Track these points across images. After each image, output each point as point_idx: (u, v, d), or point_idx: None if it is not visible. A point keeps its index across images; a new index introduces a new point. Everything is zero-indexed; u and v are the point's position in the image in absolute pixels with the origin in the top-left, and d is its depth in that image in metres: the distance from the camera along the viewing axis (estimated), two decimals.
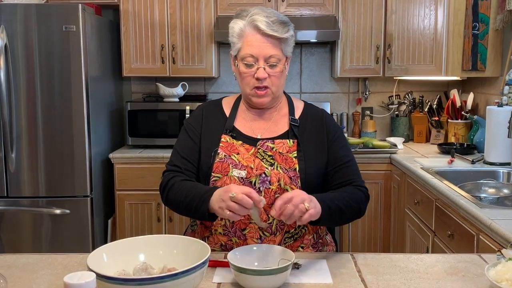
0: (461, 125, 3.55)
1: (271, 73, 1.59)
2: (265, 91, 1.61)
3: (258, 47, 1.57)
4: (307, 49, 3.98)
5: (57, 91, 3.11)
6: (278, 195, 1.56)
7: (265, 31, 1.55)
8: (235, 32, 1.60)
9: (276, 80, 1.61)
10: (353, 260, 1.52)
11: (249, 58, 1.58)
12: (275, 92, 1.63)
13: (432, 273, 1.42)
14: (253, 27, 1.57)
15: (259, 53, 1.57)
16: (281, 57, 1.60)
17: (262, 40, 1.56)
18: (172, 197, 1.58)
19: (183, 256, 1.28)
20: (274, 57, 1.58)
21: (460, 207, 2.15)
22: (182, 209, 1.56)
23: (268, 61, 1.58)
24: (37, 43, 3.07)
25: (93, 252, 1.24)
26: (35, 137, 3.13)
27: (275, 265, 1.34)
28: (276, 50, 1.58)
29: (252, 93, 1.62)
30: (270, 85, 1.61)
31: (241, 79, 1.63)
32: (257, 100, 1.64)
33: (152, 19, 3.57)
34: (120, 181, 3.42)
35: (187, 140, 1.67)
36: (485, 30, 3.31)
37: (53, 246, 3.17)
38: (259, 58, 1.57)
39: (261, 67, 1.57)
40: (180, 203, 1.55)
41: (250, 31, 1.57)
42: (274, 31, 1.56)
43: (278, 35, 1.56)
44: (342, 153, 1.67)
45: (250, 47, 1.57)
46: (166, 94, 3.68)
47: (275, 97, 1.66)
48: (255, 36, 1.57)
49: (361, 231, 3.44)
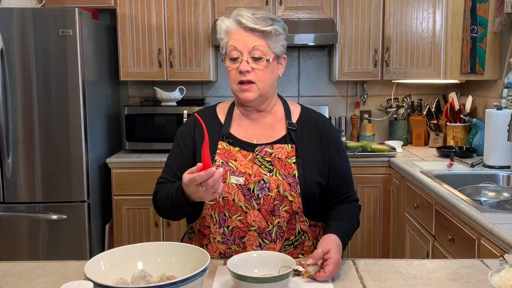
0: (460, 128, 3.54)
1: (255, 67, 1.57)
2: (249, 86, 1.58)
3: (241, 40, 1.57)
4: (305, 53, 3.97)
5: (54, 95, 3.10)
6: (278, 202, 1.55)
7: (246, 24, 1.56)
8: (222, 29, 1.62)
9: (262, 75, 1.58)
10: (354, 266, 1.50)
11: (234, 52, 1.57)
12: (261, 88, 1.60)
13: (434, 279, 1.40)
14: (236, 22, 1.58)
15: (242, 46, 1.56)
16: (266, 51, 1.58)
17: (245, 34, 1.57)
18: (159, 203, 1.60)
19: (182, 263, 1.26)
20: (257, 49, 1.56)
21: (460, 211, 2.14)
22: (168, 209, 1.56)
23: (252, 53, 1.56)
24: (34, 47, 3.05)
25: (91, 260, 1.22)
26: (32, 142, 3.11)
27: (275, 272, 1.32)
28: (260, 42, 1.57)
29: (238, 88, 1.60)
30: (256, 80, 1.58)
31: (228, 75, 1.62)
32: (242, 96, 1.60)
33: (149, 23, 3.56)
34: (117, 186, 3.40)
35: (177, 152, 1.68)
36: (483, 33, 3.30)
37: (50, 252, 3.15)
38: (243, 51, 1.56)
39: (244, 60, 1.56)
40: (165, 205, 1.56)
41: (234, 26, 1.59)
42: (256, 24, 1.56)
43: (259, 27, 1.56)
44: (341, 163, 1.67)
45: (234, 40, 1.58)
46: (164, 98, 3.66)
47: (263, 95, 1.62)
48: (239, 31, 1.58)
49: (360, 235, 3.42)
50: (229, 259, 1.34)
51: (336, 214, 1.63)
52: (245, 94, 1.59)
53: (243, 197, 1.54)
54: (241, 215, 1.55)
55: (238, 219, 1.55)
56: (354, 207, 1.69)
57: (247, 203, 1.55)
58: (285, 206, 1.55)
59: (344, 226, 1.58)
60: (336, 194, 1.67)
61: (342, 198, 1.68)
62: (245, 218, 1.55)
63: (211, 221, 1.58)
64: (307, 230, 1.63)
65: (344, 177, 1.69)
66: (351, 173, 1.72)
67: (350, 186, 1.70)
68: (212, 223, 1.58)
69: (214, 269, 1.45)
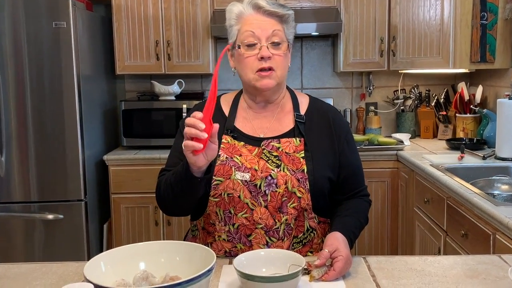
0: (470, 119, 3.52)
1: (274, 53, 1.53)
2: (270, 72, 1.54)
3: (259, 25, 1.52)
4: (308, 43, 3.94)
5: (48, 91, 3.08)
6: (286, 198, 1.52)
7: (266, 7, 1.52)
8: (234, 13, 1.57)
9: (281, 61, 1.55)
10: (365, 264, 1.48)
11: (251, 38, 1.52)
12: (280, 76, 1.56)
13: (450, 276, 1.38)
14: (252, 6, 1.54)
15: (261, 31, 1.52)
16: (283, 37, 1.55)
17: (263, 19, 1.53)
18: (164, 192, 1.52)
19: (187, 263, 1.24)
20: (277, 34, 1.53)
21: (474, 205, 2.12)
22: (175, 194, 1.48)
23: (271, 39, 1.52)
24: (26, 41, 3.03)
25: (90, 261, 1.20)
26: (26, 139, 3.09)
27: (284, 271, 1.29)
28: (278, 27, 1.54)
29: (256, 76, 1.54)
30: (275, 67, 1.54)
31: (242, 64, 1.55)
32: (261, 83, 1.54)
33: (146, 14, 3.53)
34: (115, 184, 3.38)
35: (180, 144, 1.62)
36: (493, 20, 3.27)
37: (46, 253, 3.15)
38: (261, 37, 1.52)
39: (264, 46, 1.52)
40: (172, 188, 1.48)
41: (250, 11, 1.55)
42: (274, 7, 1.54)
43: (280, 11, 1.54)
44: (352, 158, 1.65)
45: (250, 25, 1.53)
46: (162, 92, 3.64)
47: (280, 83, 1.59)
48: (256, 15, 1.54)
49: (368, 232, 3.40)
50: (235, 258, 1.31)
51: (342, 210, 1.61)
52: (265, 81, 1.54)
53: (249, 193, 1.52)
54: (247, 213, 1.52)
55: (244, 216, 1.53)
56: (364, 202, 1.67)
57: (254, 199, 1.52)
58: (293, 203, 1.53)
59: (351, 223, 1.56)
60: (347, 190, 1.64)
61: (352, 194, 1.65)
62: (252, 215, 1.52)
63: (216, 218, 1.56)
64: (316, 227, 1.60)
65: (355, 171, 1.66)
66: (362, 167, 1.69)
67: (361, 181, 1.68)
68: (217, 220, 1.56)
69: (220, 268, 1.43)
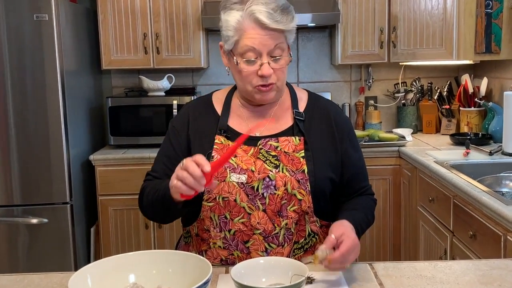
0: (475, 113, 3.49)
1: (275, 67, 1.48)
2: (270, 87, 1.50)
3: (260, 40, 1.44)
4: (304, 35, 3.90)
5: (30, 87, 3.04)
6: (285, 201, 1.48)
7: (268, 25, 1.43)
8: (231, 25, 1.47)
9: (281, 74, 1.51)
10: (372, 271, 1.44)
11: (251, 53, 1.46)
12: (280, 86, 1.53)
13: (463, 283, 1.34)
14: (253, 20, 1.44)
15: (262, 47, 1.45)
16: (284, 47, 1.50)
17: (265, 33, 1.44)
18: (146, 200, 1.52)
19: (180, 275, 1.21)
20: (279, 48, 1.47)
21: (483, 204, 2.08)
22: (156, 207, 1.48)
23: (273, 52, 1.46)
24: (6, 35, 2.99)
25: (76, 274, 1.16)
26: (7, 139, 3.06)
27: (286, 281, 1.25)
28: (281, 39, 1.47)
29: (255, 90, 1.51)
30: (275, 80, 1.50)
31: (241, 77, 1.51)
32: (261, 97, 1.52)
33: (133, 5, 3.48)
34: (102, 185, 3.35)
35: (168, 148, 1.61)
36: (499, 9, 3.24)
37: (30, 260, 3.11)
38: (263, 51, 1.45)
39: (265, 63, 1.46)
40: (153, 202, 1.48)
41: (250, 24, 1.44)
42: (279, 23, 1.44)
43: (283, 27, 1.45)
44: (356, 157, 1.62)
45: (250, 40, 1.45)
46: (151, 88, 3.60)
47: (280, 91, 1.56)
48: (256, 30, 1.44)
49: (369, 232, 3.36)
50: (232, 268, 1.27)
51: (349, 204, 1.58)
52: (265, 96, 1.52)
53: (246, 196, 1.47)
54: (244, 217, 1.48)
55: (241, 221, 1.49)
56: (370, 200, 1.65)
57: (251, 203, 1.48)
58: (294, 206, 1.49)
59: (358, 217, 1.52)
60: (351, 190, 1.61)
61: (357, 195, 1.62)
62: (249, 220, 1.48)
63: (211, 224, 1.51)
64: (318, 231, 1.56)
65: (359, 172, 1.63)
66: (365, 166, 1.66)
67: (365, 181, 1.65)
68: (211, 226, 1.51)
69: (216, 278, 1.38)
